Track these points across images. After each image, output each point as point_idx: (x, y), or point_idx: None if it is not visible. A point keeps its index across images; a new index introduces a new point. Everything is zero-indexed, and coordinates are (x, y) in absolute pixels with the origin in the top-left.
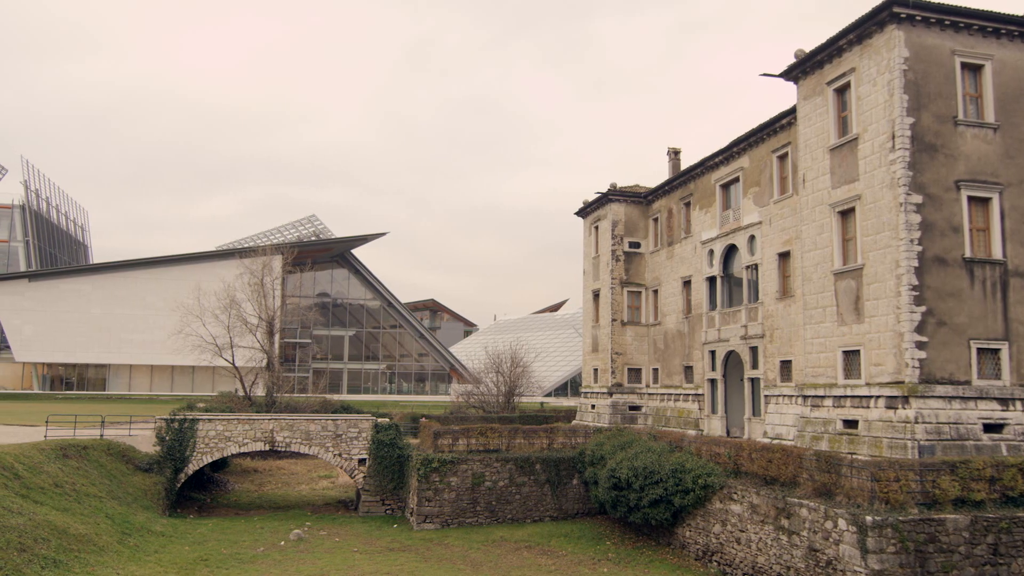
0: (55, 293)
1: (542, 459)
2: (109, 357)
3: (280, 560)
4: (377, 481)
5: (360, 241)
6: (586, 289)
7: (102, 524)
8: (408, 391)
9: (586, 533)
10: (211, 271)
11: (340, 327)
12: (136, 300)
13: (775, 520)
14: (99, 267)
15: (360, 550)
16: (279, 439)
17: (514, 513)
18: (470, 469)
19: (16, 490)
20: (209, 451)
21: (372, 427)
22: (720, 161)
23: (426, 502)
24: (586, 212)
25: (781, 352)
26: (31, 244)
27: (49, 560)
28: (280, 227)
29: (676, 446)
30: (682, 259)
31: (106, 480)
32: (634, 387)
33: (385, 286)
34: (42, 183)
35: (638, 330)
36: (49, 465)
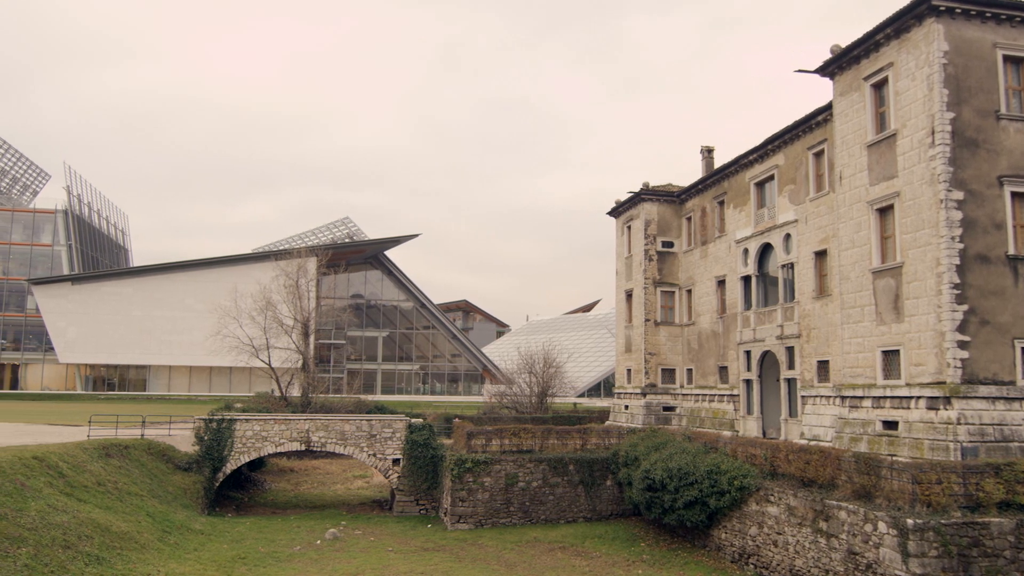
0: (97, 296)
1: (576, 460)
2: (149, 358)
3: (316, 559)
4: (411, 481)
5: (393, 243)
6: (619, 289)
7: (143, 522)
8: (441, 392)
9: (620, 534)
10: (248, 273)
11: (374, 328)
12: (175, 302)
13: (813, 523)
14: (139, 270)
15: (395, 550)
16: (315, 439)
17: (548, 514)
18: (503, 469)
19: (61, 488)
20: (246, 451)
21: (406, 427)
22: (754, 159)
23: (460, 502)
24: (618, 212)
25: (818, 352)
26: (74, 248)
27: (93, 557)
28: (315, 229)
29: (711, 447)
30: (716, 258)
31: (147, 479)
32: (668, 387)
33: (418, 287)
34: (84, 188)
35: (672, 330)
36: (92, 464)
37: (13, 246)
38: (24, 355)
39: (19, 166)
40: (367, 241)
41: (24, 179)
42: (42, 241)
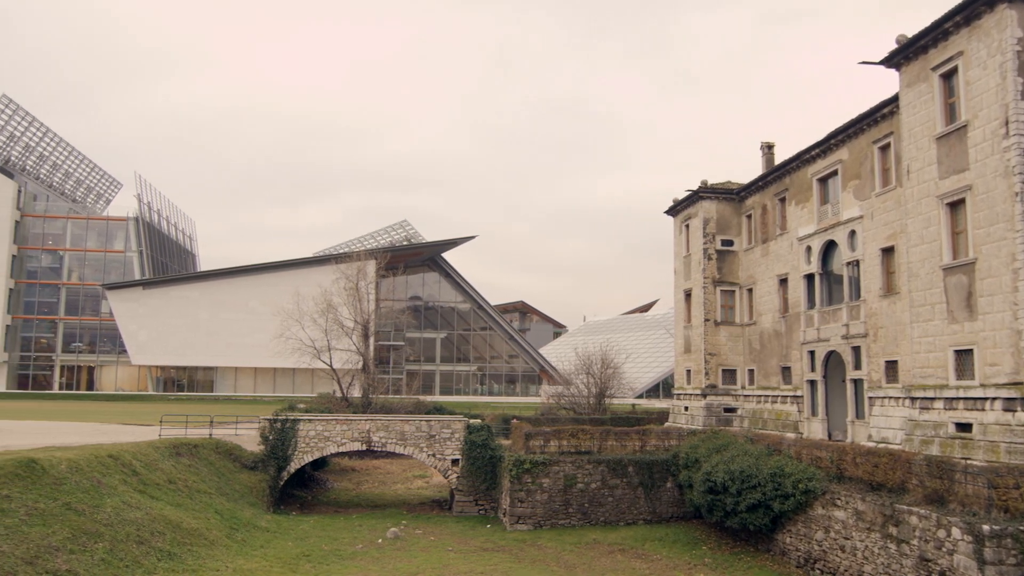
0: (166, 300)
1: (635, 461)
2: (216, 360)
3: (378, 558)
4: (470, 481)
5: (450, 245)
6: (677, 289)
7: (212, 519)
8: (499, 392)
9: (681, 537)
10: (309, 276)
11: (432, 329)
12: (240, 305)
13: (882, 528)
14: (206, 274)
15: (455, 549)
16: (375, 439)
17: (607, 515)
18: (562, 471)
19: (134, 486)
20: (309, 450)
21: (464, 428)
22: (817, 154)
23: (518, 503)
24: (676, 210)
25: (886, 352)
26: (144, 254)
27: (164, 553)
28: (373, 233)
29: (774, 449)
30: (778, 256)
31: (215, 477)
32: (729, 388)
33: (475, 288)
34: (153, 196)
35: (732, 330)
36: (163, 462)
37: (88, 252)
38: (99, 357)
39: (93, 176)
40: (424, 243)
41: (98, 188)
42: (115, 248)
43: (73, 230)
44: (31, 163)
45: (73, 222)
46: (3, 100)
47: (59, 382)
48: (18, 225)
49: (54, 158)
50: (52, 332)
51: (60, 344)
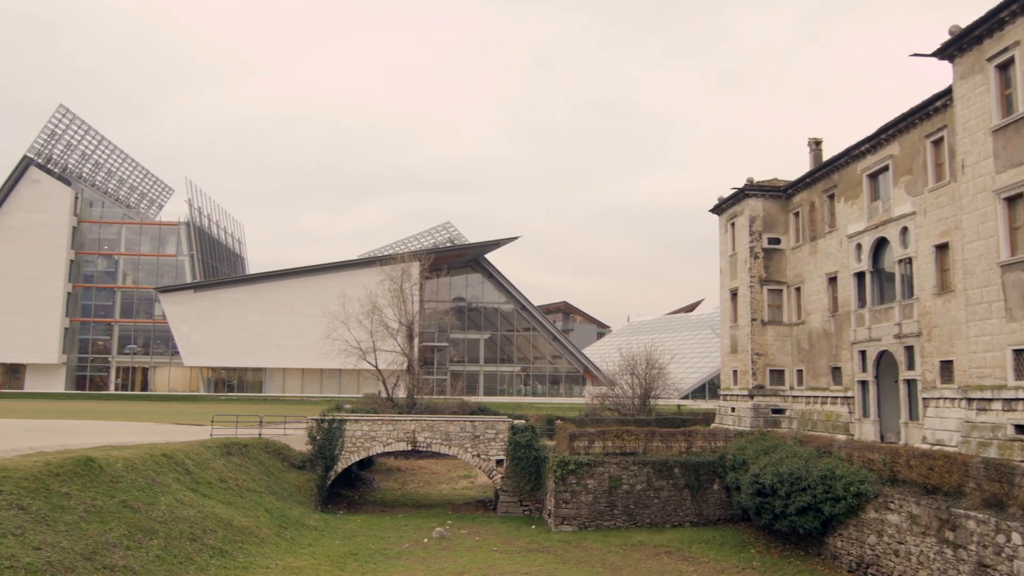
0: (217, 303)
1: (681, 463)
2: (264, 361)
3: (424, 557)
4: (515, 482)
5: (493, 246)
6: (723, 288)
7: (262, 517)
8: (542, 393)
9: (728, 540)
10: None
11: (475, 330)
12: (288, 307)
13: (938, 532)
14: (255, 277)
15: (500, 550)
16: (420, 439)
17: (653, 517)
18: (607, 472)
19: (187, 484)
20: (356, 450)
21: (509, 428)
22: (866, 149)
23: (563, 504)
24: (721, 209)
25: (940, 351)
26: (195, 258)
27: (216, 550)
28: (417, 235)
29: (824, 451)
30: (827, 254)
31: (264, 476)
32: (777, 389)
33: (518, 289)
34: (203, 201)
35: (780, 330)
36: (215, 462)
37: (142, 257)
38: (153, 359)
39: (146, 182)
40: (468, 245)
41: (151, 194)
42: (167, 252)
43: (127, 235)
44: (87, 170)
45: (127, 227)
46: (60, 110)
47: (115, 383)
48: (75, 231)
49: (109, 165)
50: (108, 335)
51: (116, 346)
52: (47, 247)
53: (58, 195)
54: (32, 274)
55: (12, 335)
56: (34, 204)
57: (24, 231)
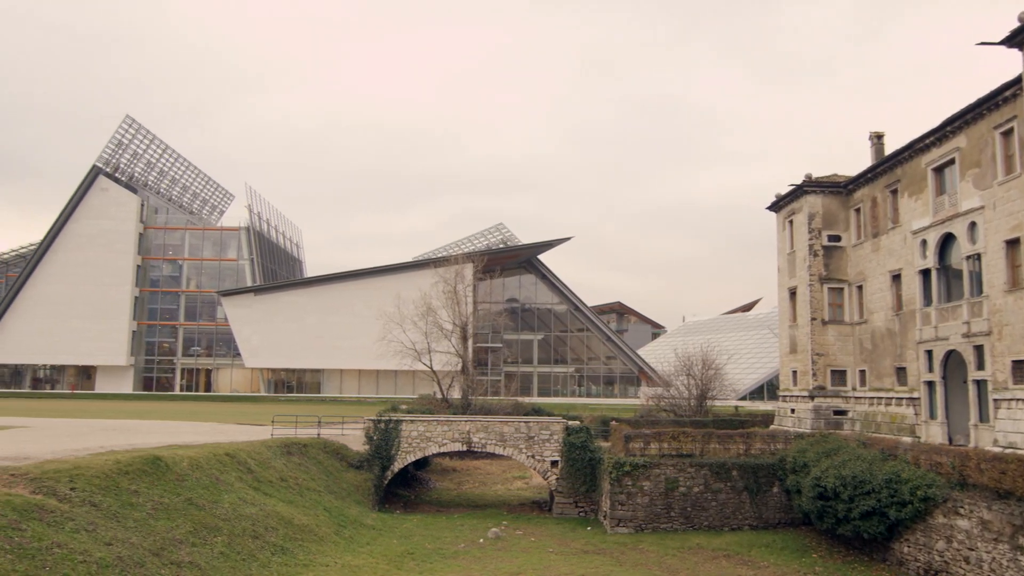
0: (276, 305)
1: (739, 465)
2: (322, 362)
3: (480, 557)
4: (569, 483)
5: (546, 247)
6: (781, 287)
7: (321, 516)
8: (597, 394)
9: (789, 544)
10: (409, 281)
11: (529, 331)
12: (345, 309)
13: (1011, 539)
14: (312, 280)
15: (555, 551)
16: (475, 440)
17: (710, 520)
18: (663, 474)
19: (249, 483)
20: (412, 450)
21: (563, 430)
22: (931, 142)
23: (619, 506)
24: (779, 206)
25: (1012, 351)
26: (255, 262)
27: (277, 547)
28: (470, 236)
29: (889, 454)
30: (890, 251)
31: (323, 476)
32: (838, 390)
33: (571, 290)
34: (262, 206)
35: (841, 329)
36: (275, 461)
37: (204, 261)
38: (215, 360)
39: (208, 189)
40: (520, 246)
41: (212, 200)
42: (228, 256)
43: (191, 240)
44: (152, 178)
45: (190, 233)
46: (127, 121)
47: (180, 384)
48: (142, 237)
49: (172, 173)
50: (173, 337)
51: (180, 348)
52: (116, 253)
53: (125, 203)
54: (102, 279)
55: (84, 338)
56: (103, 212)
57: (94, 238)
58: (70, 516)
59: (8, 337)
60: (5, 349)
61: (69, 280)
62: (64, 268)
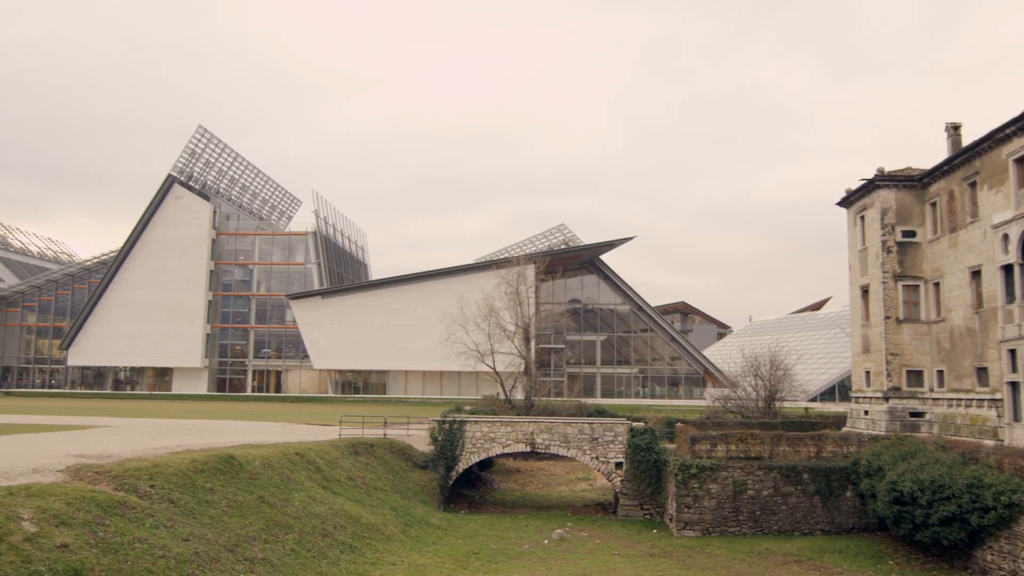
0: (343, 308)
1: (810, 468)
2: (387, 364)
3: (544, 558)
4: (634, 485)
5: (608, 247)
6: (852, 285)
7: (388, 515)
8: (661, 395)
9: (864, 550)
10: (472, 282)
11: (592, 332)
12: (409, 311)
13: None
14: (377, 283)
15: (620, 553)
16: (539, 441)
17: (780, 524)
18: (730, 476)
19: (319, 482)
20: (476, 451)
21: (627, 431)
22: (1012, 132)
23: (685, 508)
24: (849, 201)
25: None
26: (322, 265)
27: (346, 546)
28: (532, 238)
29: (970, 458)
30: (968, 246)
31: (389, 475)
32: (914, 391)
33: (634, 290)
34: (328, 211)
35: (917, 328)
36: (343, 460)
37: (273, 266)
38: (285, 362)
39: (276, 195)
40: (582, 247)
41: (280, 206)
42: (296, 260)
43: (260, 245)
44: (224, 186)
45: (260, 238)
46: (199, 130)
47: (251, 385)
48: (214, 243)
49: (243, 180)
50: (245, 339)
51: (251, 350)
52: (190, 259)
53: (198, 210)
54: (178, 284)
55: (162, 341)
56: (178, 219)
57: (170, 244)
58: (150, 512)
59: (91, 340)
60: (88, 352)
61: (147, 285)
62: (142, 274)
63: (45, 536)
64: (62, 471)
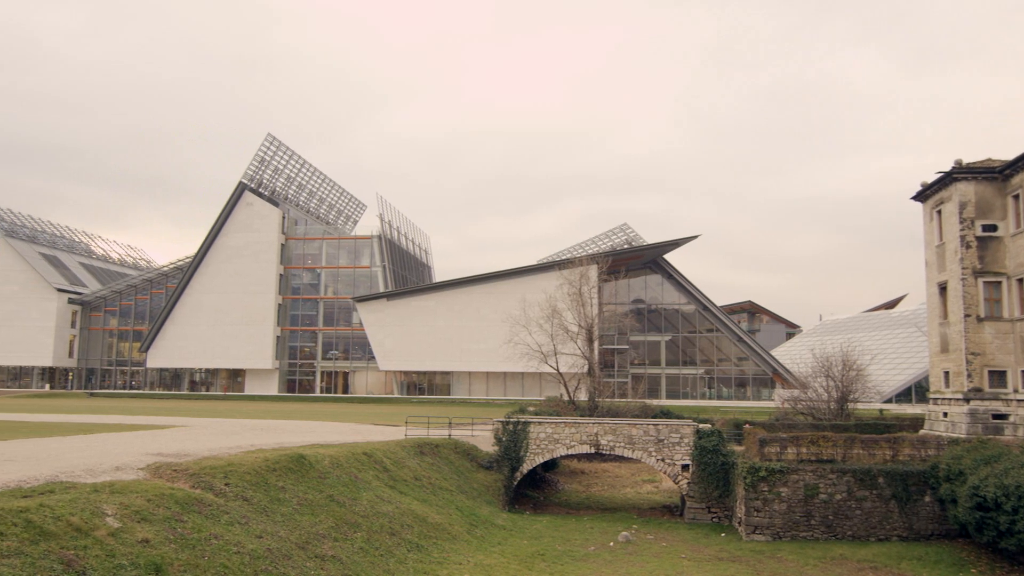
0: (407, 310)
1: (885, 472)
2: (451, 365)
3: (610, 560)
4: (701, 488)
5: (671, 246)
6: (929, 282)
7: (453, 515)
8: (728, 396)
9: (944, 558)
10: (534, 283)
11: (656, 332)
12: (472, 313)
13: None
14: (441, 285)
15: (688, 557)
16: (603, 442)
17: (854, 530)
18: (801, 480)
19: (386, 482)
20: (540, 452)
21: (694, 433)
22: None
23: (755, 512)
24: (925, 195)
25: None
26: (387, 268)
27: (413, 545)
28: (594, 238)
29: None
30: None
31: (454, 476)
32: (997, 392)
33: (699, 289)
34: (393, 214)
35: (999, 326)
36: (409, 460)
37: (340, 269)
38: (352, 363)
39: (342, 200)
40: (645, 246)
41: (346, 211)
42: (362, 263)
43: (327, 249)
44: (292, 192)
45: (327, 242)
46: (268, 138)
47: (320, 386)
48: (283, 247)
49: (310, 186)
50: (313, 342)
51: (320, 352)
52: (261, 263)
53: (268, 215)
54: (249, 288)
55: (235, 344)
56: (249, 225)
57: (241, 249)
58: (225, 510)
59: (168, 343)
60: (166, 354)
61: (220, 290)
62: (216, 279)
63: (127, 531)
64: (143, 469)
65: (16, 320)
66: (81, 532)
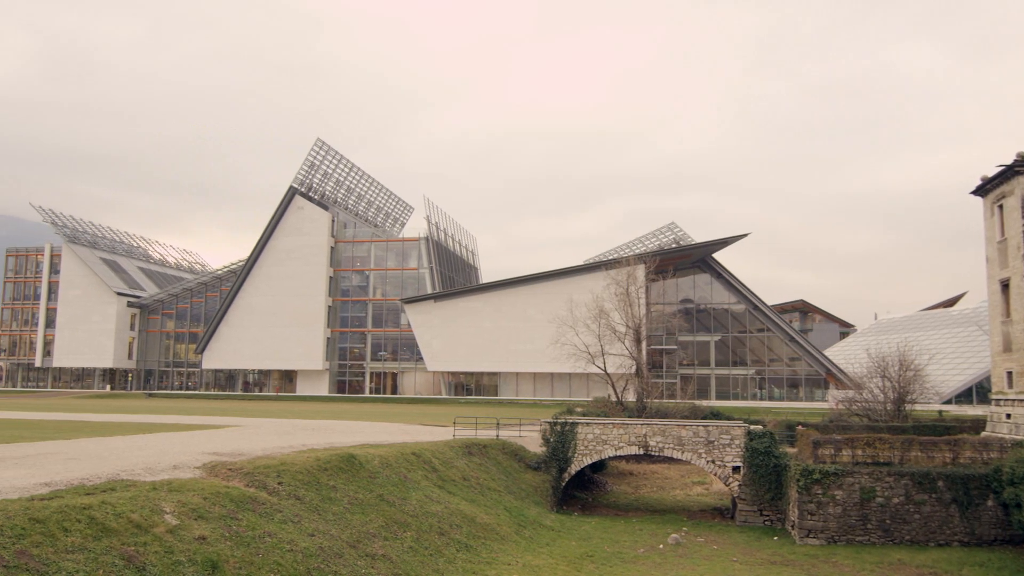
0: (454, 311)
1: (945, 475)
2: (499, 366)
3: (660, 563)
4: (753, 490)
5: (720, 245)
6: (991, 279)
7: (501, 516)
8: (779, 397)
9: (1008, 564)
10: (581, 284)
11: (705, 332)
12: (519, 314)
13: None
14: (487, 286)
15: (739, 560)
16: (652, 444)
17: (913, 534)
18: (857, 482)
19: (434, 482)
20: (588, 453)
21: (745, 434)
22: None
23: (808, 515)
24: (986, 190)
25: None
26: (434, 270)
27: (462, 544)
28: (641, 237)
29: None
30: None
31: (502, 476)
32: None
33: (749, 288)
34: (439, 216)
35: None
36: (458, 461)
37: (388, 271)
38: (400, 364)
39: (389, 203)
40: (693, 245)
41: (394, 213)
42: (409, 265)
43: (375, 252)
44: (340, 195)
45: (375, 245)
46: (318, 143)
47: (369, 387)
48: (333, 250)
49: (359, 190)
50: (362, 343)
51: (369, 353)
52: (311, 266)
53: (318, 219)
54: (300, 291)
55: (286, 345)
56: (299, 228)
57: (292, 252)
58: (278, 508)
59: (222, 345)
60: (220, 356)
61: (272, 292)
62: (268, 281)
63: (185, 528)
64: (199, 468)
65: (78, 323)
66: (141, 529)
